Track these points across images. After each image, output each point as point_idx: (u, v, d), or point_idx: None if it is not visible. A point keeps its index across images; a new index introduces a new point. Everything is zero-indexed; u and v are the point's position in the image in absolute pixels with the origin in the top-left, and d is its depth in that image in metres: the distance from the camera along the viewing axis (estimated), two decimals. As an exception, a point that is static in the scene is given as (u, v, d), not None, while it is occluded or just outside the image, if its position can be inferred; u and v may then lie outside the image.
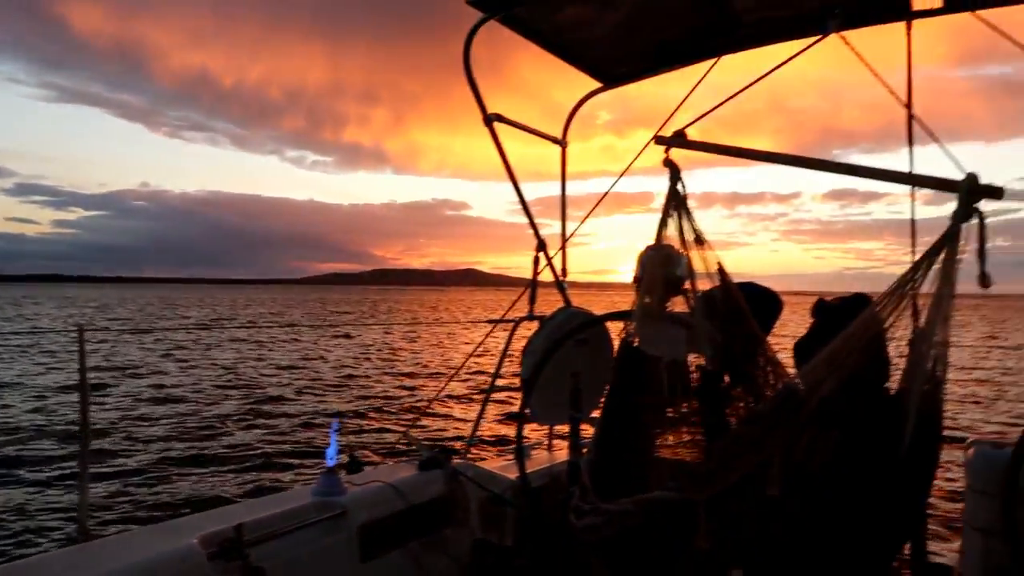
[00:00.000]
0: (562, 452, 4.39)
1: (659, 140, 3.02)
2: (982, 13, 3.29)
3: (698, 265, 3.00)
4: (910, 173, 2.67)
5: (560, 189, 4.88)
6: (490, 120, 3.90)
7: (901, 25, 3.53)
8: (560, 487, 3.79)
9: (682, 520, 2.27)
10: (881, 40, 3.55)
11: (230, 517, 2.41)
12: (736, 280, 3.09)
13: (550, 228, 4.70)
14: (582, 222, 4.58)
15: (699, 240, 3.00)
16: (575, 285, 4.68)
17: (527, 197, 4.16)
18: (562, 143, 4.74)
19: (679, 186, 2.99)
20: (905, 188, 2.99)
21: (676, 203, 2.98)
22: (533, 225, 4.36)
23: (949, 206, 2.18)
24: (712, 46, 3.97)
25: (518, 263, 4.57)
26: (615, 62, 4.33)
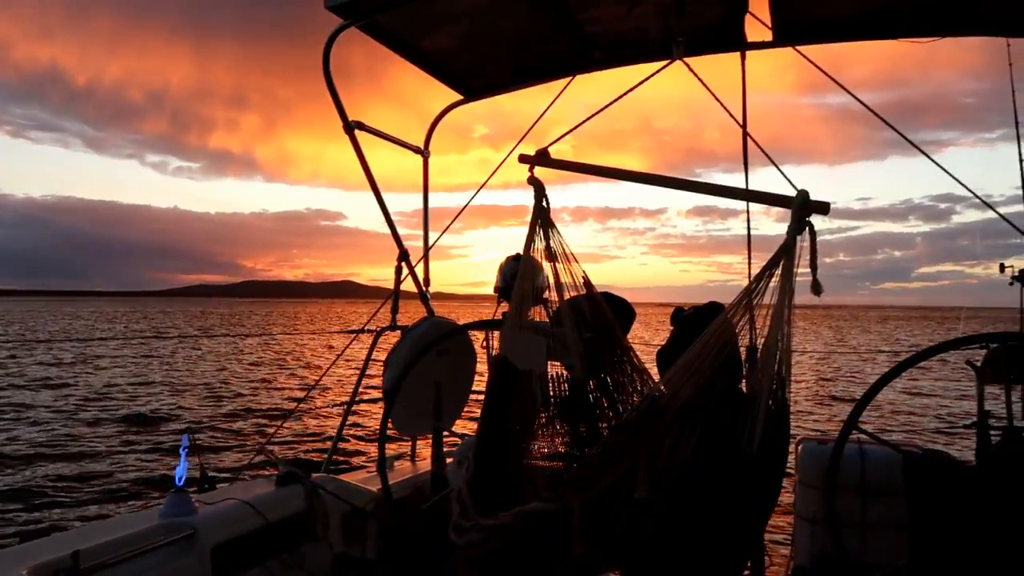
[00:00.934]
0: (425, 463, 4.38)
1: (522, 159, 3.08)
2: (805, 49, 3.63)
3: (564, 278, 3.10)
4: (747, 189, 2.88)
5: (423, 198, 4.92)
6: (351, 128, 3.87)
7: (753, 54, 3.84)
8: (423, 498, 3.79)
9: (558, 528, 2.33)
10: (731, 68, 3.84)
11: (66, 544, 2.24)
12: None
13: (422, 241, 4.72)
14: (442, 232, 4.62)
15: (563, 254, 3.08)
16: (454, 297, 4.73)
17: (408, 208, 4.15)
18: (424, 153, 4.77)
19: (544, 202, 3.07)
20: (759, 206, 3.21)
21: (541, 219, 3.06)
22: (395, 234, 4.36)
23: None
24: (568, 65, 4.14)
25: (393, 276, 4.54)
26: (475, 76, 4.43)
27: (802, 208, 2.31)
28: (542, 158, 3.05)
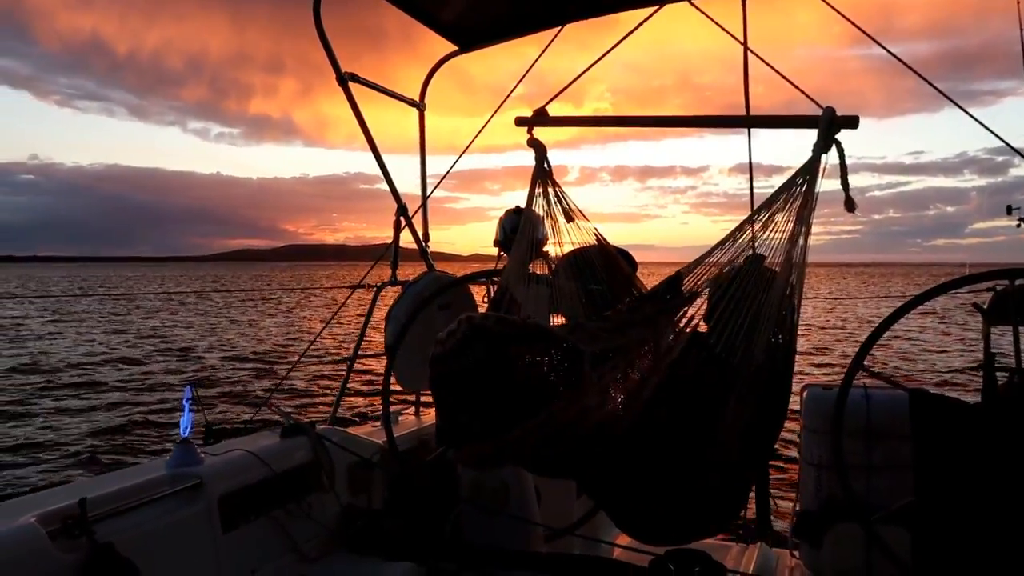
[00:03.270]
0: (430, 416, 4.42)
1: (519, 121, 3.01)
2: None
3: (574, 236, 3.06)
4: (753, 116, 2.78)
5: (420, 152, 4.87)
6: (344, 79, 3.81)
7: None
8: (428, 450, 3.82)
9: (562, 360, 2.22)
10: (763, 18, 3.67)
11: (73, 494, 2.26)
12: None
13: (464, 202, 4.72)
14: (437, 184, 4.58)
15: (568, 216, 3.06)
16: (492, 258, 4.70)
17: (438, 170, 4.11)
18: (420, 106, 4.71)
19: (545, 164, 3.02)
20: (782, 160, 3.09)
21: (543, 181, 3.02)
22: (393, 188, 4.34)
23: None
24: (570, 11, 4.02)
25: (435, 237, 4.53)
26: (469, 25, 4.33)
27: (830, 126, 2.22)
28: (539, 118, 2.98)
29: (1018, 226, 3.40)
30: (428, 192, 4.71)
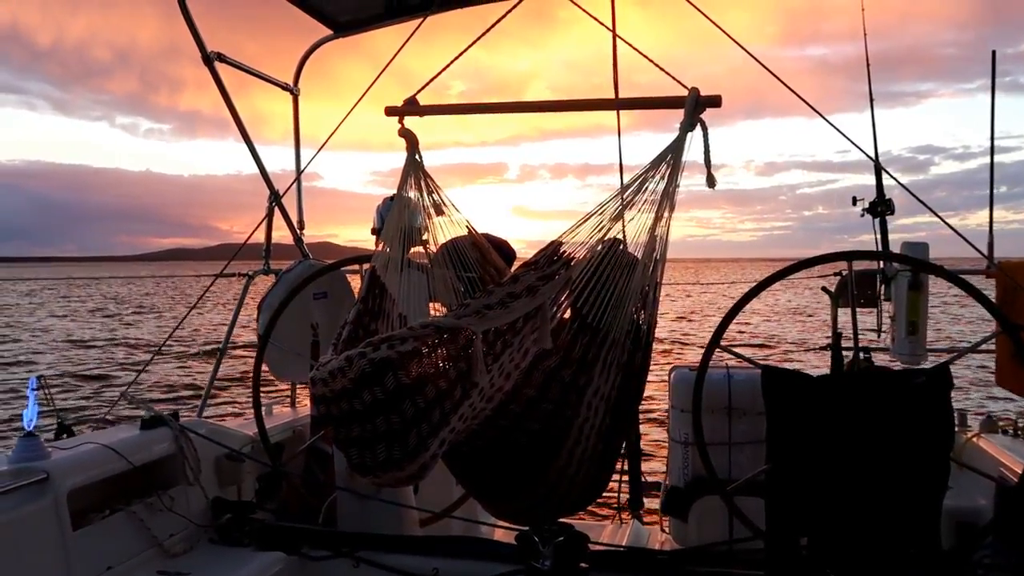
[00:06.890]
0: (306, 407, 4.32)
1: (389, 111, 2.96)
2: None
3: (447, 231, 3.08)
4: (621, 98, 2.86)
5: (294, 138, 4.76)
6: (210, 59, 3.67)
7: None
8: (303, 440, 3.74)
9: (452, 344, 2.22)
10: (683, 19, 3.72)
11: None
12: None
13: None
14: (306, 165, 4.46)
15: (439, 210, 3.06)
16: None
17: (385, 167, 3.94)
18: (293, 91, 4.60)
19: (417, 156, 3.00)
20: (735, 158, 3.11)
21: (415, 173, 3.01)
22: (264, 173, 4.23)
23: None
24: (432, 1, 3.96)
25: (358, 236, 4.29)
26: (343, 9, 4.26)
27: (695, 105, 2.32)
28: (410, 107, 2.96)
29: (862, 215, 3.71)
30: (299, 174, 4.60)
